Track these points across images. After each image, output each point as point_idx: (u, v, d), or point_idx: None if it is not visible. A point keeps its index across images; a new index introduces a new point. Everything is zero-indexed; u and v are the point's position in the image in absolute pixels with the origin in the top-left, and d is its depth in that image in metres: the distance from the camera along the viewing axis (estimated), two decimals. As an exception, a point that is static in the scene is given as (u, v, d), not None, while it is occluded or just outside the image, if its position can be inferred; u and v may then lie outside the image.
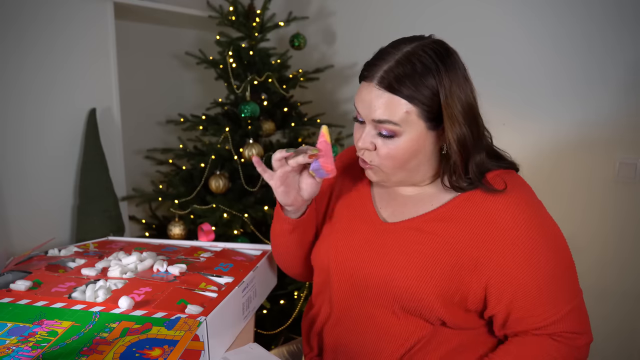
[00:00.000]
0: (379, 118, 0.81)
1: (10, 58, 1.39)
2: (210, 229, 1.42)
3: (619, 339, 1.64)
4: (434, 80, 0.80)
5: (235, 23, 1.78)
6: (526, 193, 0.88)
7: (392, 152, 0.84)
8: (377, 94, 0.81)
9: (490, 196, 0.85)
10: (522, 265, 0.83)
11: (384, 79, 0.80)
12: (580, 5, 1.57)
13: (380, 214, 0.95)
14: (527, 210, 0.85)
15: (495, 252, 0.84)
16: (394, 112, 0.80)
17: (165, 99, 2.20)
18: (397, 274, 0.87)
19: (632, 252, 1.60)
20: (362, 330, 0.93)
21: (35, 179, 1.47)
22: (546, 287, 0.84)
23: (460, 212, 0.87)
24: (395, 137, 0.82)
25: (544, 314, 0.84)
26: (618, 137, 1.58)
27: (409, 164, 0.86)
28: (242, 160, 1.70)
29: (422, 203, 0.91)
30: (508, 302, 0.84)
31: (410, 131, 0.82)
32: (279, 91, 1.78)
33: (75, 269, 1.04)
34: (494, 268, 0.84)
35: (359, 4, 2.01)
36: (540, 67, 1.66)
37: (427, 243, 0.87)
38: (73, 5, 1.53)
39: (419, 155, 0.85)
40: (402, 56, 0.80)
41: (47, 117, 1.49)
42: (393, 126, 0.81)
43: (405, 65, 0.80)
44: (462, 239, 0.85)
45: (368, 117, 0.83)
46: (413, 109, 0.80)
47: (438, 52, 0.81)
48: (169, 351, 0.72)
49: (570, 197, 1.66)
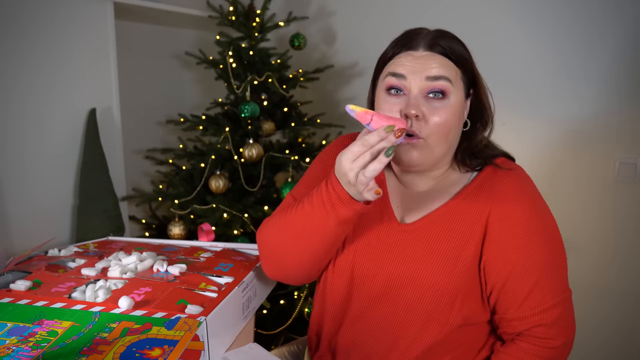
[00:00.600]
0: (435, 74, 0.82)
1: (11, 58, 1.39)
2: (210, 229, 1.42)
3: (618, 339, 1.64)
4: (466, 51, 0.87)
5: (235, 23, 1.78)
6: (529, 181, 0.92)
7: (442, 116, 0.82)
8: (427, 56, 0.84)
9: (500, 180, 0.88)
10: (519, 247, 0.85)
11: (432, 43, 0.84)
12: (580, 4, 1.57)
13: (397, 213, 0.95)
14: (534, 196, 0.89)
15: (498, 228, 0.86)
16: (448, 69, 0.84)
17: (165, 99, 2.20)
18: (422, 273, 0.87)
19: (632, 252, 1.60)
20: (378, 331, 0.92)
21: (35, 178, 1.47)
22: (536, 273, 0.85)
23: (473, 198, 0.89)
24: (445, 98, 0.83)
25: (529, 302, 0.85)
26: (618, 137, 1.58)
27: (451, 134, 0.85)
28: (242, 160, 1.70)
29: (437, 196, 0.92)
30: (502, 283, 0.86)
31: (456, 93, 0.85)
32: (279, 91, 1.78)
33: (75, 269, 1.04)
34: (494, 245, 0.86)
35: (359, 4, 2.01)
36: (540, 66, 1.66)
37: (448, 238, 0.88)
38: (73, 6, 1.54)
39: (457, 125, 0.87)
40: (435, 31, 0.87)
41: (47, 117, 1.49)
42: (447, 83, 0.83)
43: (444, 35, 0.86)
44: (476, 224, 0.87)
45: (421, 76, 0.82)
46: (459, 71, 0.85)
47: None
48: (169, 351, 0.72)
49: (570, 196, 1.66)
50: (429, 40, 0.84)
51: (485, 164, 0.91)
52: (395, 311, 0.90)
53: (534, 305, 0.85)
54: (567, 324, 0.88)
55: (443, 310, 0.87)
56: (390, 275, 0.90)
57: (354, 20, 2.05)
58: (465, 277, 0.87)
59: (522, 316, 0.86)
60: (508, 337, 0.91)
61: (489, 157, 0.91)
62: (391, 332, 0.90)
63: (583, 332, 1.19)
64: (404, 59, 0.84)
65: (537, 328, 0.86)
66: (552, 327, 0.86)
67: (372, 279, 0.91)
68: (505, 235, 0.86)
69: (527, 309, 0.86)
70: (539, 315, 0.85)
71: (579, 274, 1.60)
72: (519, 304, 0.86)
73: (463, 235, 0.88)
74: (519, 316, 0.86)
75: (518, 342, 0.88)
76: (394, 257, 0.90)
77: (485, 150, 0.92)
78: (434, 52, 0.84)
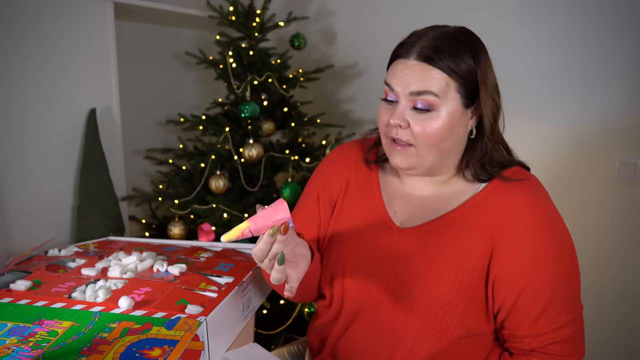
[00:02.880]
0: (419, 89, 0.80)
1: (11, 58, 1.39)
2: (210, 229, 1.42)
3: (618, 338, 1.65)
4: (470, 56, 0.82)
5: (235, 23, 1.78)
6: (543, 192, 0.88)
7: (427, 128, 0.82)
8: (416, 66, 0.81)
9: (510, 192, 0.85)
10: (530, 263, 0.82)
11: (422, 53, 0.81)
12: (578, 6, 1.57)
13: (395, 219, 0.93)
14: (544, 209, 0.85)
15: (507, 246, 0.83)
16: (434, 83, 0.80)
17: (165, 99, 2.20)
18: (421, 283, 0.85)
19: (631, 252, 1.61)
20: (379, 337, 0.90)
21: (35, 178, 1.47)
22: (550, 291, 0.82)
23: (479, 210, 0.86)
24: (431, 111, 0.81)
25: (543, 319, 0.83)
26: (617, 137, 1.58)
27: (443, 144, 0.84)
28: (242, 160, 1.70)
29: (441, 203, 0.90)
30: (513, 300, 0.83)
31: (447, 105, 0.81)
32: (279, 91, 1.78)
33: (75, 269, 1.04)
34: (504, 262, 0.83)
35: (359, 4, 2.01)
36: (539, 67, 1.66)
37: (449, 248, 0.86)
38: (73, 6, 1.53)
39: (453, 135, 0.84)
40: (438, 34, 0.83)
41: (47, 117, 1.49)
42: (432, 97, 0.80)
43: (442, 41, 0.81)
44: (480, 237, 0.85)
45: (405, 91, 0.82)
46: (452, 82, 0.81)
47: (470, 34, 0.85)
48: (169, 351, 0.72)
49: (569, 196, 1.66)
50: (421, 49, 0.81)
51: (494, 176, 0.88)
52: (393, 318, 0.88)
53: (547, 323, 0.83)
54: (580, 340, 0.87)
55: (442, 320, 0.85)
56: (388, 280, 0.88)
57: (354, 20, 2.05)
58: (467, 289, 0.84)
59: (535, 334, 0.84)
60: (518, 352, 0.88)
61: (500, 167, 0.88)
62: (390, 339, 0.89)
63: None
64: (397, 67, 0.84)
65: (551, 346, 0.84)
66: (566, 344, 0.84)
67: (370, 284, 0.90)
68: (516, 251, 0.83)
69: (540, 326, 0.83)
70: (553, 333, 0.83)
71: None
72: (533, 322, 0.84)
73: (465, 245, 0.85)
74: (532, 333, 0.84)
75: (531, 357, 0.86)
76: (395, 264, 0.89)
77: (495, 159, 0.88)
78: (424, 63, 0.81)
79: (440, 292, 0.84)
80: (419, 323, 0.86)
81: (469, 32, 0.86)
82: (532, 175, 0.91)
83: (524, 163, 0.93)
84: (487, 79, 0.84)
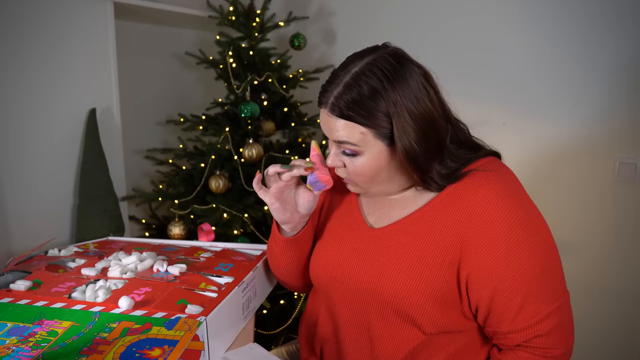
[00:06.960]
0: (339, 139, 0.84)
1: (11, 58, 1.39)
2: (210, 229, 1.42)
3: (617, 337, 1.65)
4: (383, 101, 0.80)
5: (235, 23, 1.78)
6: (510, 184, 0.86)
7: (358, 169, 0.86)
8: (332, 119, 0.83)
9: (473, 188, 0.84)
10: (500, 261, 0.81)
11: (335, 107, 0.82)
12: (578, 6, 1.57)
13: (367, 220, 0.96)
14: (510, 202, 0.83)
15: (476, 245, 0.83)
16: (351, 134, 0.82)
17: (165, 99, 2.20)
18: (385, 280, 0.87)
19: (631, 251, 1.61)
20: (358, 337, 0.94)
21: (35, 178, 1.47)
22: (526, 285, 0.82)
23: (444, 208, 0.87)
24: (357, 155, 0.85)
25: (523, 314, 0.83)
26: (617, 137, 1.58)
27: (378, 178, 0.87)
28: (242, 160, 1.70)
29: (407, 204, 0.92)
30: (488, 299, 0.83)
31: (370, 150, 0.84)
32: (279, 91, 1.78)
33: (75, 269, 1.04)
34: (474, 262, 0.83)
35: (359, 4, 2.01)
36: (539, 67, 1.66)
37: (413, 245, 0.87)
38: (73, 6, 1.54)
39: (386, 170, 0.86)
40: (350, 79, 0.81)
41: (47, 117, 1.49)
42: (353, 146, 0.84)
43: (352, 90, 0.80)
44: (447, 235, 0.85)
45: (332, 137, 0.86)
46: (368, 131, 0.82)
47: (386, 69, 0.81)
48: (169, 351, 0.72)
49: (569, 196, 1.66)
50: (335, 100, 0.81)
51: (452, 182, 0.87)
52: (368, 317, 0.91)
53: (528, 317, 0.83)
54: (566, 329, 0.86)
55: (413, 317, 0.86)
56: (358, 281, 0.91)
57: (354, 20, 2.05)
58: (437, 288, 0.84)
59: (517, 329, 0.84)
60: (505, 347, 0.89)
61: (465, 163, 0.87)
62: (368, 338, 0.92)
63: (582, 331, 1.19)
64: (321, 115, 0.87)
65: (535, 339, 0.84)
66: (551, 335, 0.83)
67: (344, 283, 0.93)
68: (485, 250, 0.82)
69: (521, 321, 0.83)
70: (536, 326, 0.83)
71: (577, 274, 1.61)
72: (513, 318, 0.83)
73: (430, 243, 0.86)
74: (514, 329, 0.84)
75: (517, 352, 0.86)
76: (362, 262, 0.92)
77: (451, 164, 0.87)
78: (336, 116, 0.82)
79: (407, 290, 0.85)
80: (390, 320, 0.89)
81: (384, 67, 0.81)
82: (502, 165, 0.89)
83: (494, 151, 0.92)
84: (404, 116, 0.80)
